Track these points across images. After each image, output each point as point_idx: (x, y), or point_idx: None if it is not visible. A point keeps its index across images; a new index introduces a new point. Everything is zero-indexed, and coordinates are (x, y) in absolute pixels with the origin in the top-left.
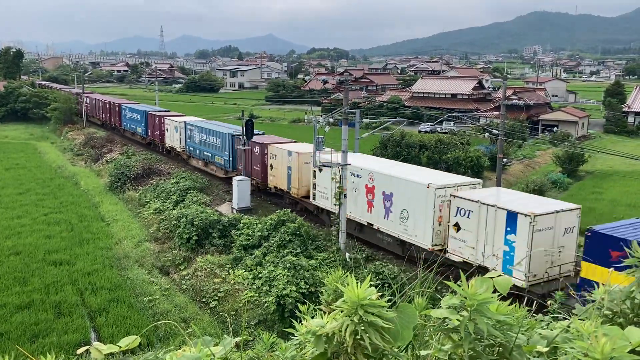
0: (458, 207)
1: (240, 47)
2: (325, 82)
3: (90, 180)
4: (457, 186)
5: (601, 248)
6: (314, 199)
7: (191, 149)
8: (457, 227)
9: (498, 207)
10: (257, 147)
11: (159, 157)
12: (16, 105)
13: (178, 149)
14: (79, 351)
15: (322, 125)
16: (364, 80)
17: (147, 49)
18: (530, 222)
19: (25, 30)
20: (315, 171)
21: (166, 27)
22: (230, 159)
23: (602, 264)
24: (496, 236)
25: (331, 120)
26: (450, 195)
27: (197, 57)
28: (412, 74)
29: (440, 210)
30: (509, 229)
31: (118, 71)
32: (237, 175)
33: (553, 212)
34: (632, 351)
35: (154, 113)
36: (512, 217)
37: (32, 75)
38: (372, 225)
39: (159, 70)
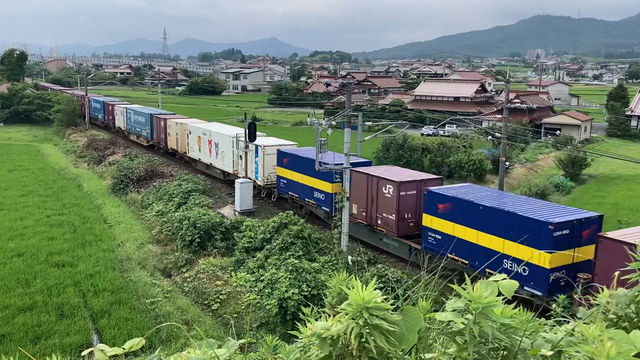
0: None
1: (243, 50)
2: (327, 85)
3: (93, 182)
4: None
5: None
6: (187, 152)
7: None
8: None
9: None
10: (161, 122)
11: (161, 159)
12: (19, 107)
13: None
14: (84, 353)
15: (324, 128)
16: (366, 83)
17: (151, 52)
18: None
19: (29, 32)
20: (187, 134)
21: (169, 30)
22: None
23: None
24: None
25: (334, 123)
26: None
27: (200, 60)
28: (415, 77)
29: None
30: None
31: (121, 73)
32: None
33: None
34: (638, 355)
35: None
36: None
37: (36, 78)
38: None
39: (162, 72)
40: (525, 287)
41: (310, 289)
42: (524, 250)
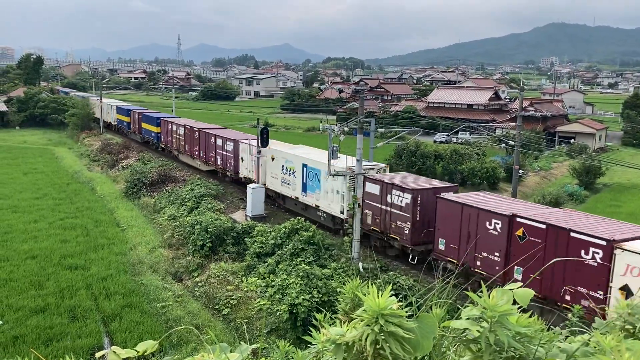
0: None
1: (257, 56)
2: (340, 91)
3: (106, 185)
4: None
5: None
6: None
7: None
8: None
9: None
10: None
11: (174, 163)
12: (35, 111)
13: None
14: (98, 355)
15: (337, 134)
16: (379, 89)
17: (165, 57)
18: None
19: (46, 37)
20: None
21: (184, 36)
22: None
23: None
24: None
25: (346, 129)
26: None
27: (214, 66)
28: (428, 84)
29: None
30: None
31: (135, 78)
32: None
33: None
34: None
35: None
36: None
37: (52, 82)
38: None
39: (176, 77)
40: None
41: (321, 295)
42: None
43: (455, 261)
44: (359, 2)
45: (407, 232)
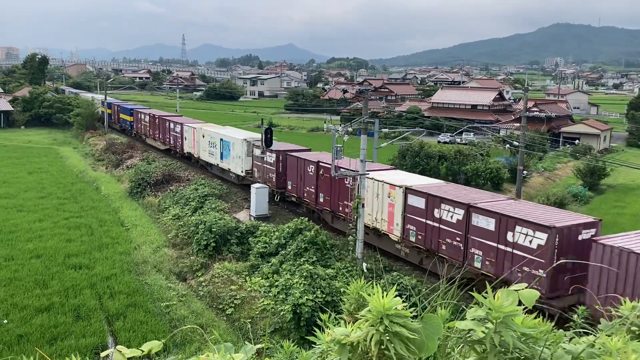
0: None
1: (261, 56)
2: (344, 91)
3: (111, 185)
4: None
5: None
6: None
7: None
8: None
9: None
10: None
11: (178, 163)
12: (40, 111)
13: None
14: (103, 354)
15: (341, 135)
16: (383, 90)
17: (169, 57)
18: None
19: (51, 37)
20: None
21: (188, 36)
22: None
23: None
24: None
25: (350, 129)
26: None
27: (218, 66)
28: (432, 84)
29: None
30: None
31: (140, 78)
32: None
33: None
34: None
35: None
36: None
37: (57, 81)
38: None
39: (180, 77)
40: None
41: (324, 296)
42: None
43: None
44: (363, 3)
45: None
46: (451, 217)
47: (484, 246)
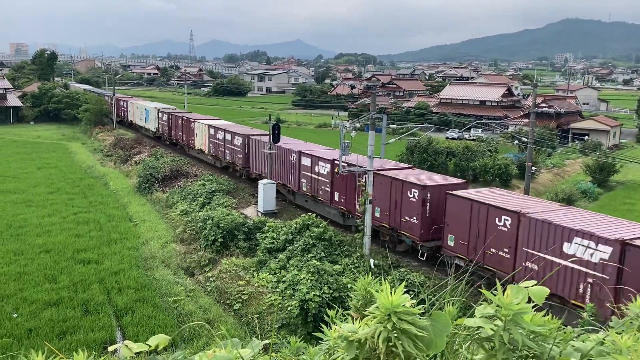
0: None
1: (269, 51)
2: (352, 87)
3: (119, 181)
4: None
5: None
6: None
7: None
8: None
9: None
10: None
11: (186, 159)
12: (49, 106)
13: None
14: (110, 349)
15: (348, 130)
16: (391, 85)
17: (177, 53)
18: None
19: (60, 33)
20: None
21: (196, 32)
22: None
23: None
24: None
25: (358, 125)
26: None
27: (226, 61)
28: (440, 80)
29: None
30: None
31: (148, 74)
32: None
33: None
34: None
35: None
36: None
37: (65, 77)
38: None
39: (188, 73)
40: None
41: (331, 291)
42: None
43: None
44: None
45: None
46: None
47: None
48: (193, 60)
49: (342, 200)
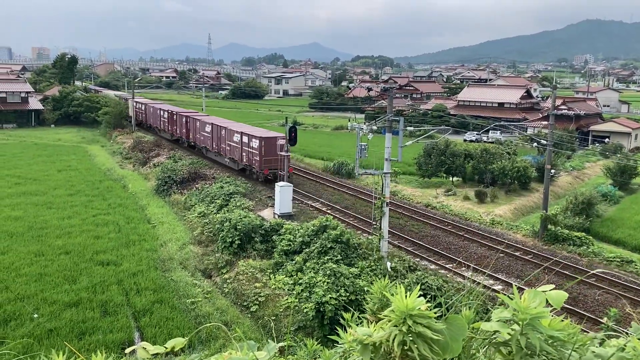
0: None
1: (286, 54)
2: (369, 89)
3: (138, 183)
4: None
5: None
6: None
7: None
8: None
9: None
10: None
11: (204, 161)
12: (69, 109)
13: None
14: (127, 350)
15: (365, 133)
16: (408, 87)
17: (195, 56)
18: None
19: (80, 37)
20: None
21: (214, 35)
22: None
23: None
24: None
25: (374, 127)
26: None
27: (244, 65)
28: (458, 82)
29: None
30: None
31: (167, 77)
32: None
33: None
34: None
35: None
36: None
37: (85, 81)
38: None
39: (206, 76)
40: None
41: (348, 294)
42: None
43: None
44: (388, 0)
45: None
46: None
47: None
48: (211, 63)
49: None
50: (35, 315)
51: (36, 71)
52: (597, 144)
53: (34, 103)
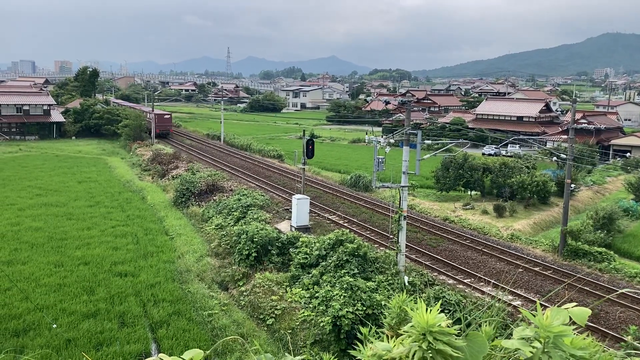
0: None
1: (304, 68)
2: (386, 102)
3: (156, 195)
4: None
5: None
6: None
7: None
8: None
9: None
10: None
11: (222, 174)
12: (90, 122)
13: None
14: None
15: (382, 146)
16: (426, 101)
17: (214, 70)
18: None
19: (101, 50)
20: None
21: (233, 49)
22: None
23: None
24: None
25: (392, 140)
26: None
27: (262, 78)
28: (476, 95)
29: None
30: None
31: (186, 90)
32: None
33: None
34: None
35: None
36: None
37: (106, 94)
38: None
39: (225, 90)
40: None
41: (365, 308)
42: None
43: None
44: (406, 14)
45: None
46: None
47: None
48: (230, 76)
49: None
50: (54, 326)
51: (58, 84)
52: (618, 159)
53: (56, 115)
